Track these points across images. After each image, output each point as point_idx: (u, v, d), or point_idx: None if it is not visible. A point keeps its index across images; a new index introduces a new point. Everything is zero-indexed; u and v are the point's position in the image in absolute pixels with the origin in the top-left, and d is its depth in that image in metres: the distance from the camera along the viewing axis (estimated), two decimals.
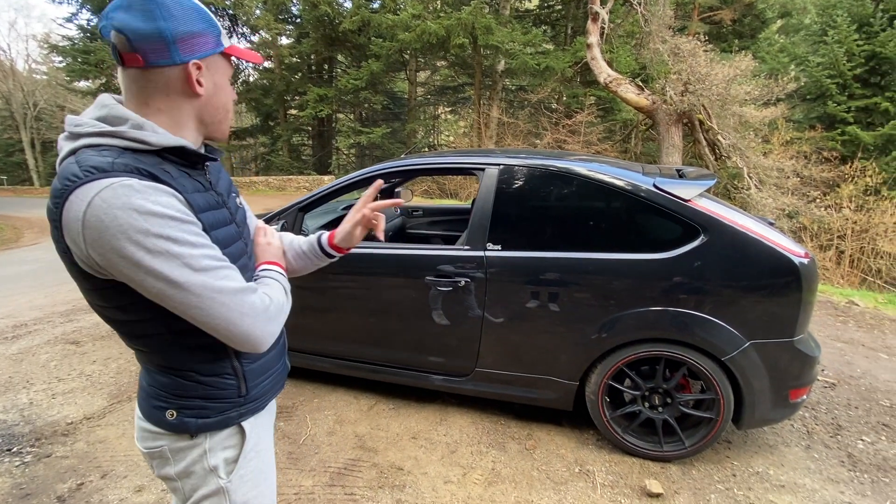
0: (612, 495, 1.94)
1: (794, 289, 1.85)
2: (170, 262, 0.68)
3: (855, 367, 3.18)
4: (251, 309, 0.76)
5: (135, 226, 0.66)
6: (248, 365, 0.89)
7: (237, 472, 0.88)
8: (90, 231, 0.65)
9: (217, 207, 0.85)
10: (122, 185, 0.66)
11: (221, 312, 0.73)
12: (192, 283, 0.70)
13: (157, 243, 0.67)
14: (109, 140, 0.73)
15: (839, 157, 9.90)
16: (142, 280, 0.68)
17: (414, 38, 13.37)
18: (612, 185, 2.07)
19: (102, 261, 0.67)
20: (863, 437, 2.39)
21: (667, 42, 9.26)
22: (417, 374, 2.42)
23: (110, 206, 0.65)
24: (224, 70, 0.83)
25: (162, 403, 0.84)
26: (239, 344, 0.78)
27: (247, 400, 0.89)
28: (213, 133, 0.86)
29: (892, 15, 9.70)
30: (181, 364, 0.83)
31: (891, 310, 4.52)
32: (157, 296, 0.70)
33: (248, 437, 0.90)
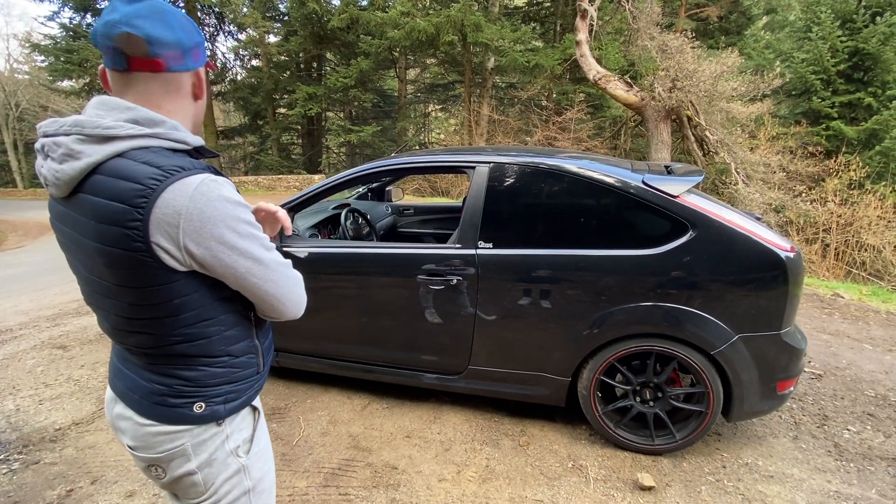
0: (604, 489, 1.96)
1: (780, 282, 1.88)
2: (254, 242, 0.79)
3: (840, 358, 3.24)
4: (297, 278, 0.89)
5: (231, 214, 0.75)
6: (262, 341, 0.95)
7: (252, 449, 0.93)
8: (192, 222, 0.72)
9: None
10: (212, 180, 0.75)
11: (287, 283, 0.86)
12: (269, 259, 0.82)
13: (246, 228, 0.78)
14: (154, 141, 0.77)
15: (824, 151, 10.06)
16: (234, 261, 0.77)
17: (403, 36, 13.31)
18: (602, 182, 2.08)
19: (198, 249, 0.74)
20: (849, 426, 2.44)
21: (654, 39, 9.32)
22: (411, 372, 2.42)
23: (209, 198, 0.73)
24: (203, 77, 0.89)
25: (185, 400, 0.84)
26: (292, 312, 0.89)
27: (261, 377, 0.95)
28: (197, 133, 0.90)
29: (874, 11, 9.87)
30: (219, 351, 0.86)
31: (875, 301, 4.62)
32: (244, 274, 0.79)
33: (260, 412, 0.96)
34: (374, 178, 3.55)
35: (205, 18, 18.79)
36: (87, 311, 4.17)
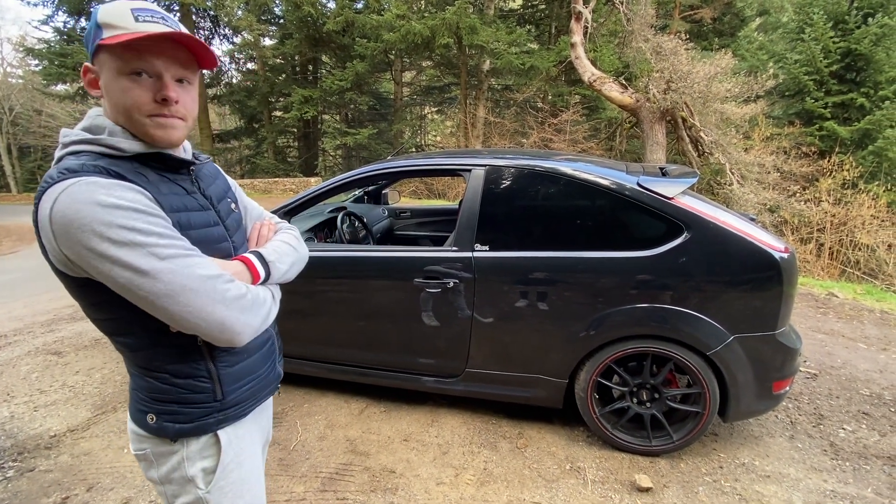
0: (602, 491, 1.96)
1: (775, 283, 1.90)
2: (135, 250, 0.69)
3: (835, 357, 3.26)
4: (223, 296, 0.75)
5: (98, 218, 0.68)
6: (224, 368, 0.88)
7: (216, 483, 0.88)
8: (57, 227, 0.68)
9: (199, 209, 0.87)
10: (87, 183, 0.70)
11: (191, 299, 0.72)
12: (159, 270, 0.70)
13: (121, 234, 0.69)
14: (89, 147, 0.77)
15: (817, 151, 10.12)
16: (109, 271, 0.69)
17: (398, 39, 13.33)
18: (598, 184, 2.09)
19: (73, 256, 0.70)
20: (844, 425, 2.45)
21: (649, 41, 9.38)
22: (408, 376, 2.42)
23: (74, 200, 0.68)
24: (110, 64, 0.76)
25: (143, 407, 0.86)
26: (212, 335, 0.76)
27: (224, 405, 0.88)
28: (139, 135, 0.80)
29: (866, 12, 9.96)
30: (157, 366, 0.83)
31: (869, 300, 4.65)
32: (126, 287, 0.70)
33: (224, 448, 0.89)
34: (370, 182, 3.55)
35: (199, 22, 18.78)
36: (82, 317, 4.14)
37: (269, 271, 0.91)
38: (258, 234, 1.02)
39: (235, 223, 0.97)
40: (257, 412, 1.00)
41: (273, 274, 0.92)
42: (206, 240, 0.85)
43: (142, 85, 0.76)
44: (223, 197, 0.97)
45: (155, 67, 0.76)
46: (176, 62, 0.78)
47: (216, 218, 0.90)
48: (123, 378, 2.96)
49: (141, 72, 0.76)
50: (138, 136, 0.80)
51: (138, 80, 0.76)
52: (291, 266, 0.98)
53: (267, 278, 0.90)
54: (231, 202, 0.99)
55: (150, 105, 0.77)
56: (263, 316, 0.83)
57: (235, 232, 0.96)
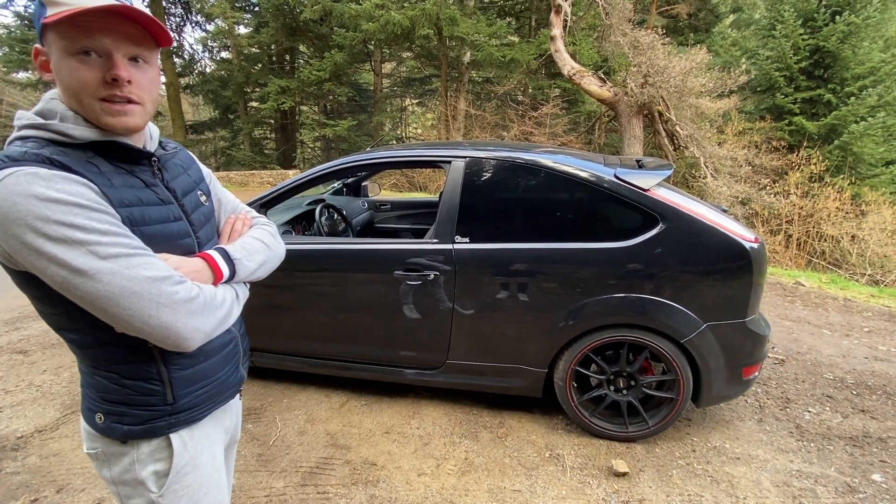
0: (581, 477, 2.01)
1: (745, 272, 1.96)
2: (72, 249, 0.65)
3: (802, 343, 3.39)
4: (169, 299, 0.70)
5: (33, 212, 0.64)
6: (176, 371, 0.83)
7: (169, 486, 0.85)
8: None
9: (157, 203, 0.81)
10: (25, 174, 0.65)
11: (133, 302, 0.67)
12: (97, 270, 0.66)
13: (58, 230, 0.64)
14: (38, 132, 0.72)
15: (787, 146, 10.44)
16: (44, 268, 0.66)
17: (378, 29, 13.13)
18: (576, 176, 2.11)
19: (10, 250, 0.66)
20: (809, 408, 2.56)
21: (627, 35, 9.48)
22: (389, 368, 2.41)
23: (10, 192, 0.64)
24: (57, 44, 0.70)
25: (92, 406, 0.83)
26: (158, 340, 0.72)
27: (175, 409, 0.84)
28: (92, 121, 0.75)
29: (834, 10, 10.27)
30: (106, 364, 0.80)
31: (833, 289, 4.85)
32: (63, 286, 0.67)
33: (176, 451, 0.85)
34: (349, 173, 3.50)
35: (170, 8, 18.11)
36: None
37: (235, 269, 0.86)
38: (231, 228, 0.97)
39: (203, 217, 0.92)
40: (217, 414, 0.95)
41: (239, 272, 0.87)
42: (164, 236, 0.80)
43: (90, 65, 0.71)
44: (192, 189, 0.91)
45: (104, 45, 0.70)
46: (127, 39, 0.72)
47: (178, 212, 0.85)
48: None
49: (89, 50, 0.70)
50: (92, 121, 0.74)
51: (86, 60, 0.70)
52: (262, 265, 0.93)
53: (231, 277, 0.86)
54: (201, 194, 0.94)
55: (99, 86, 0.71)
56: (219, 319, 0.78)
57: (202, 227, 0.91)
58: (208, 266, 0.83)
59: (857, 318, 3.95)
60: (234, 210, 1.03)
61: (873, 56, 10.04)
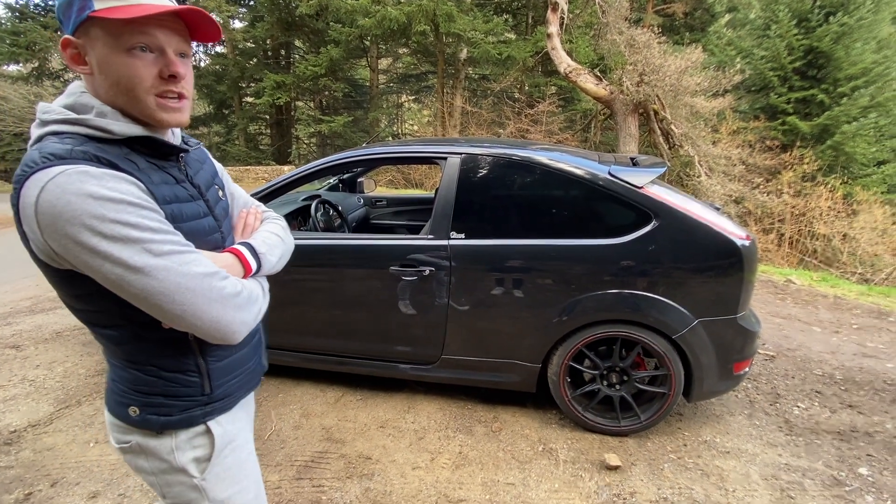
0: (573, 470, 2.03)
1: (736, 269, 1.98)
2: (129, 247, 0.66)
3: (792, 340, 3.44)
4: (219, 294, 0.72)
5: (89, 211, 0.64)
6: (213, 363, 0.86)
7: (211, 469, 0.87)
8: (44, 217, 0.64)
9: (189, 200, 0.83)
10: (77, 172, 0.65)
11: (187, 298, 0.69)
12: (153, 267, 0.67)
13: (114, 228, 0.65)
14: (73, 128, 0.72)
15: (780, 145, 10.52)
16: (99, 267, 0.66)
17: (374, 24, 13.06)
18: (572, 173, 2.13)
19: (59, 248, 0.66)
20: (798, 403, 2.60)
21: (623, 33, 9.50)
22: (385, 363, 2.43)
23: (64, 191, 0.64)
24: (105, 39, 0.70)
25: (125, 400, 0.83)
26: (208, 334, 0.74)
27: (211, 399, 0.86)
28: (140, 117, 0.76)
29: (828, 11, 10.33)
30: (143, 359, 0.81)
31: (824, 287, 4.91)
32: (117, 283, 0.67)
33: (216, 437, 0.87)
34: (345, 169, 3.50)
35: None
36: (42, 310, 3.97)
37: (260, 263, 0.89)
38: (244, 222, 0.98)
39: (223, 212, 0.94)
40: (244, 401, 0.99)
41: (264, 266, 0.90)
42: (197, 232, 0.81)
43: (144, 60, 0.72)
44: (211, 185, 0.93)
45: (158, 41, 0.72)
46: (176, 35, 0.74)
47: (205, 208, 0.87)
48: (87, 371, 2.86)
49: (144, 46, 0.71)
50: (138, 117, 0.75)
51: (140, 56, 0.71)
52: (280, 258, 0.96)
53: (258, 270, 0.88)
54: (219, 189, 0.95)
55: (155, 82, 0.73)
56: (256, 312, 0.82)
57: (224, 221, 0.93)
58: (238, 261, 0.85)
59: (847, 316, 4.01)
60: (245, 204, 1.04)
61: (866, 57, 10.12)
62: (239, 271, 0.84)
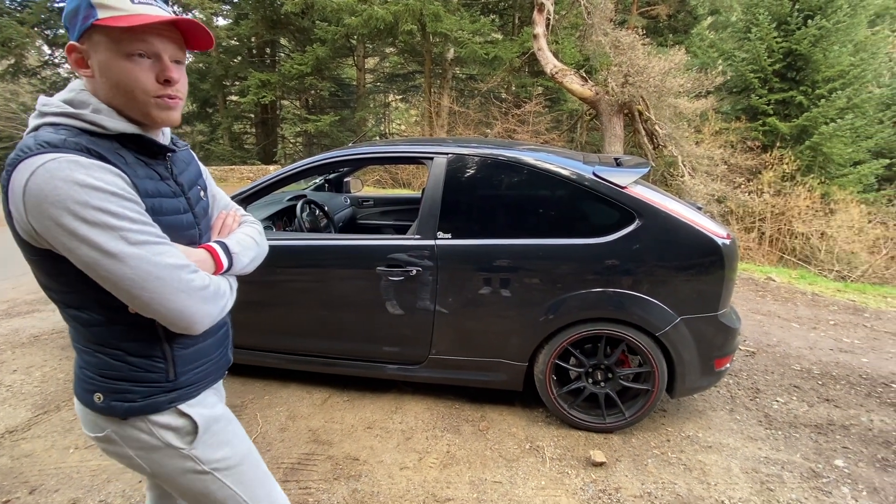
0: (560, 467, 2.05)
1: (717, 267, 2.03)
2: (106, 233, 0.71)
3: (771, 336, 3.52)
4: (187, 286, 0.77)
5: (74, 197, 0.69)
6: (179, 350, 0.89)
7: (200, 438, 0.90)
8: (31, 199, 0.69)
9: (170, 196, 0.88)
10: (67, 160, 0.71)
11: (155, 286, 0.74)
12: (126, 254, 0.72)
13: (95, 215, 0.70)
14: (69, 121, 0.77)
15: (761, 146, 10.75)
16: (76, 248, 0.71)
17: (361, 23, 13.00)
18: (557, 173, 2.15)
19: (40, 228, 0.70)
20: (777, 398, 2.67)
21: (608, 35, 9.61)
22: (372, 364, 2.42)
23: (53, 176, 0.69)
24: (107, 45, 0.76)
25: (90, 386, 0.85)
26: (172, 322, 0.79)
27: (176, 386, 0.89)
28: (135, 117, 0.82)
29: (806, 14, 10.58)
30: (111, 342, 0.84)
31: (802, 284, 5.04)
32: (91, 266, 0.72)
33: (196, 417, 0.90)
34: (331, 169, 3.48)
35: None
36: (18, 313, 3.86)
37: (232, 262, 0.94)
38: (222, 223, 1.03)
39: (203, 211, 0.99)
40: (209, 392, 1.00)
41: (235, 265, 0.95)
42: (175, 226, 0.86)
43: (142, 66, 0.78)
44: (194, 184, 0.98)
45: (154, 48, 0.78)
46: (172, 43, 0.80)
47: (186, 205, 0.92)
48: (66, 376, 2.80)
49: (142, 53, 0.77)
50: (134, 116, 0.81)
51: (138, 62, 0.77)
52: (252, 260, 1.01)
53: (228, 269, 0.93)
54: (201, 190, 1.01)
55: (153, 86, 0.79)
56: (222, 306, 0.86)
57: (203, 220, 0.98)
58: (211, 257, 0.90)
59: (824, 312, 4.12)
60: (225, 207, 1.10)
61: (843, 60, 10.40)
62: (210, 267, 0.89)
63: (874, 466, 2.11)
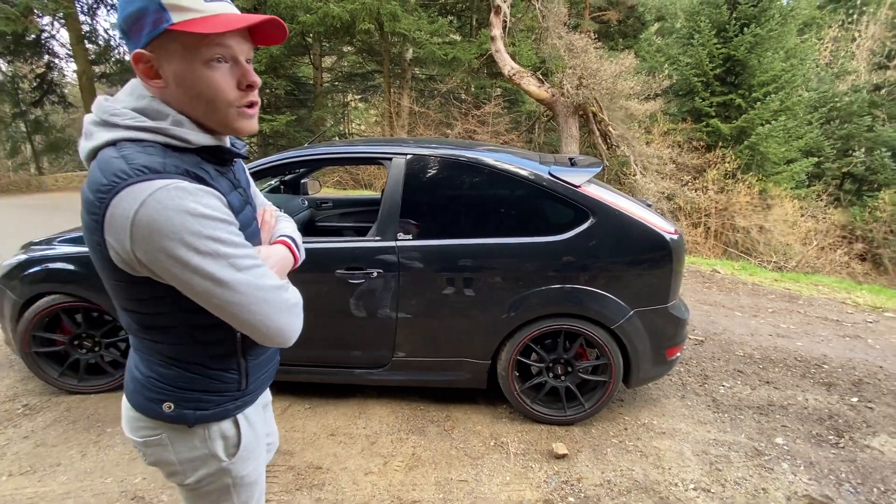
0: (524, 462, 2.09)
1: (666, 261, 2.13)
2: (217, 262, 0.70)
3: (717, 325, 3.74)
4: (286, 305, 0.79)
5: (188, 228, 0.67)
6: (251, 361, 0.91)
7: (239, 454, 0.91)
8: (140, 230, 0.66)
9: (244, 205, 0.87)
10: (175, 188, 0.67)
11: (262, 309, 0.75)
12: (237, 281, 0.71)
13: (207, 244, 0.69)
14: (151, 136, 0.72)
15: (705, 146, 11.41)
16: (188, 279, 0.69)
17: (316, 21, 12.71)
18: (517, 174, 2.19)
19: (147, 259, 0.68)
20: (724, 383, 2.83)
21: (562, 38, 9.89)
22: (334, 370, 2.37)
23: (165, 207, 0.66)
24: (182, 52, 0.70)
25: (159, 395, 0.84)
26: (271, 339, 0.79)
27: (245, 393, 0.91)
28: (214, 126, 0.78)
29: (743, 22, 11.33)
30: (191, 357, 0.83)
31: (744, 275, 5.38)
32: (202, 294, 0.71)
33: (242, 425, 0.91)
34: (286, 170, 3.38)
35: None
36: None
37: (301, 255, 0.98)
38: (262, 220, 0.99)
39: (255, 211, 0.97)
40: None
41: (302, 257, 0.98)
42: (253, 235, 0.86)
43: (222, 72, 0.73)
44: (249, 185, 0.97)
45: (233, 52, 0.73)
46: (245, 42, 0.75)
47: (252, 212, 0.91)
48: (24, 388, 2.57)
49: (221, 58, 0.72)
50: (214, 126, 0.77)
51: (218, 67, 0.73)
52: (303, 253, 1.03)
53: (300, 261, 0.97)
54: (251, 189, 0.99)
55: (236, 94, 0.75)
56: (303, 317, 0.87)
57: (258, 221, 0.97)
58: (290, 252, 0.93)
59: (764, 301, 4.42)
60: (263, 202, 1.06)
61: (775, 65, 11.19)
62: (290, 262, 0.92)
63: (810, 442, 2.28)
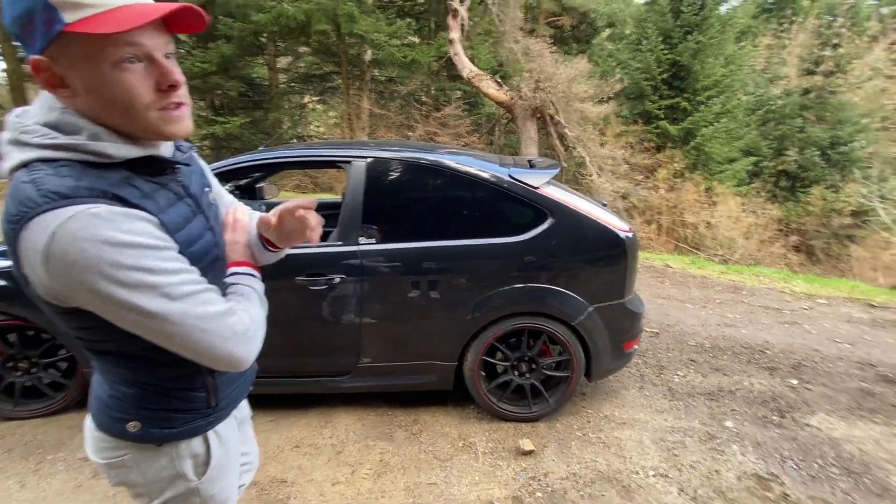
0: (492, 461, 2.11)
1: (621, 258, 2.22)
2: (146, 293, 0.63)
3: (671, 317, 3.93)
4: (232, 332, 0.73)
5: (106, 259, 0.60)
6: (220, 377, 0.87)
7: (209, 473, 0.87)
8: (55, 263, 0.59)
9: (192, 218, 0.79)
10: (88, 215, 0.60)
11: (203, 338, 0.69)
12: (170, 311, 0.65)
13: (131, 276, 0.62)
14: (65, 154, 0.64)
15: (655, 146, 11.99)
16: (115, 313, 0.64)
17: (270, 21, 12.38)
18: (478, 176, 2.21)
19: (69, 293, 0.62)
20: (678, 372, 2.98)
21: (519, 42, 10.10)
22: (296, 380, 2.31)
23: (76, 238, 0.58)
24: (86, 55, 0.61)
25: (123, 415, 0.80)
26: (220, 366, 0.75)
27: (215, 410, 0.87)
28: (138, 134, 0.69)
29: (686, 30, 11.99)
30: (152, 379, 0.80)
31: (693, 269, 5.68)
32: (134, 327, 0.66)
33: (212, 443, 0.87)
34: (241, 174, 3.27)
35: None
36: None
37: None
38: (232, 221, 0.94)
39: (215, 217, 0.89)
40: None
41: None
42: (203, 251, 0.79)
43: (135, 73, 0.63)
44: (202, 192, 0.86)
45: (145, 49, 0.63)
46: (160, 35, 0.65)
47: (204, 222, 0.82)
48: None
49: (132, 57, 0.63)
50: (139, 134, 0.68)
51: (129, 69, 0.63)
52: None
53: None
54: (209, 193, 0.89)
55: (155, 97, 0.66)
56: (261, 338, 0.82)
57: (218, 227, 0.88)
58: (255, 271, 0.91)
59: (712, 292, 4.68)
60: (231, 203, 1.00)
61: (716, 71, 11.91)
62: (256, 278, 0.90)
63: (756, 424, 2.43)
